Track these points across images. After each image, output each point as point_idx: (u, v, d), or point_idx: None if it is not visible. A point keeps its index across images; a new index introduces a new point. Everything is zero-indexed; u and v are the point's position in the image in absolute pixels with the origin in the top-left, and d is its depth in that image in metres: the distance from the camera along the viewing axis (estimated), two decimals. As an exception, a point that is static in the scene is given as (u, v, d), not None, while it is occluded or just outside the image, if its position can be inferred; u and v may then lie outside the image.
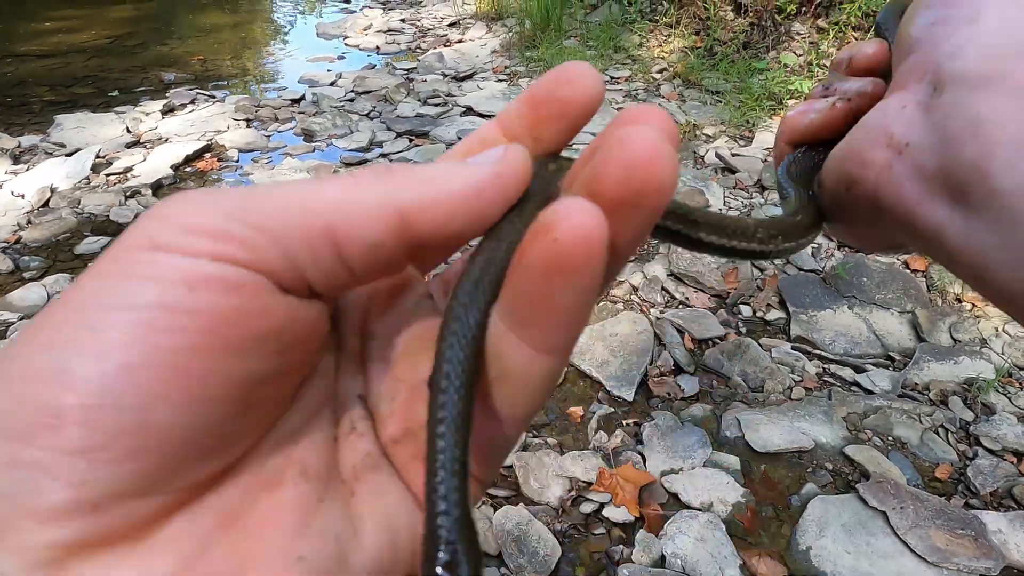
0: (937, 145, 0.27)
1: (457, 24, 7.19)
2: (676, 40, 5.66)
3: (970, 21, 0.29)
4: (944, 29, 0.29)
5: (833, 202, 0.35)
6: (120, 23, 7.61)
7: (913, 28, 0.31)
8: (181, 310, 0.19)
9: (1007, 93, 0.25)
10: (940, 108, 0.28)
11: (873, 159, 0.30)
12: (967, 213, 0.26)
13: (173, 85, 5.44)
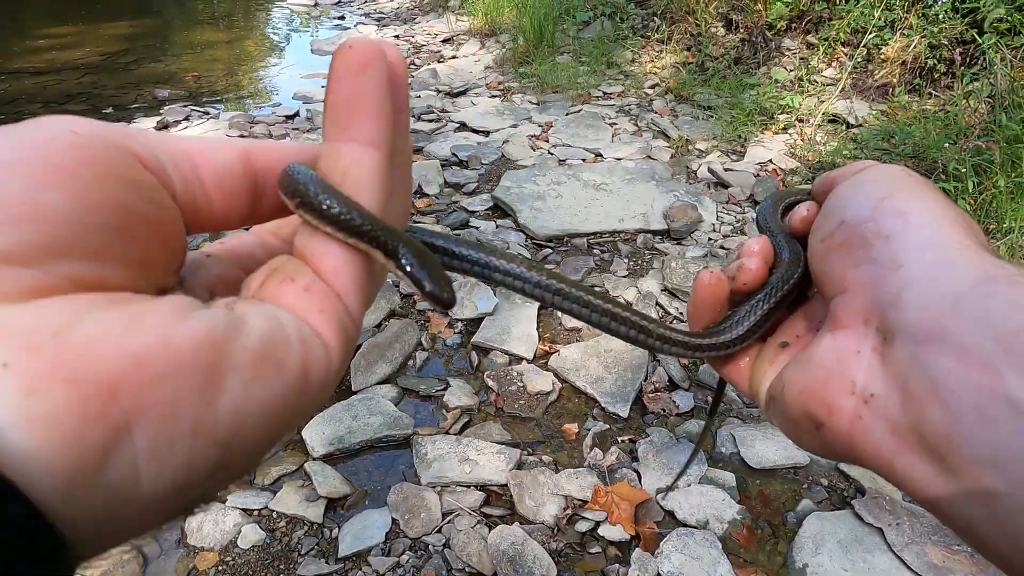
0: (903, 402, 0.29)
1: (451, 40, 7.24)
2: (668, 56, 5.71)
3: (895, 266, 0.31)
4: (874, 271, 0.32)
5: (796, 430, 0.36)
6: (115, 40, 7.63)
7: (840, 260, 0.34)
8: (82, 145, 0.24)
9: (955, 353, 0.27)
10: (896, 361, 0.30)
11: (840, 406, 0.32)
12: (947, 476, 0.27)
13: (167, 102, 5.45)
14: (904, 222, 0.33)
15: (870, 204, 0.35)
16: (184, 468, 0.22)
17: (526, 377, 2.42)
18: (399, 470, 2.10)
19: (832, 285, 0.35)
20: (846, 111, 4.39)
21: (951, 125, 3.68)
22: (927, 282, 0.30)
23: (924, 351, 0.28)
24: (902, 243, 0.32)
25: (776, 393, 0.39)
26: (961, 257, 0.30)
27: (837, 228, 0.36)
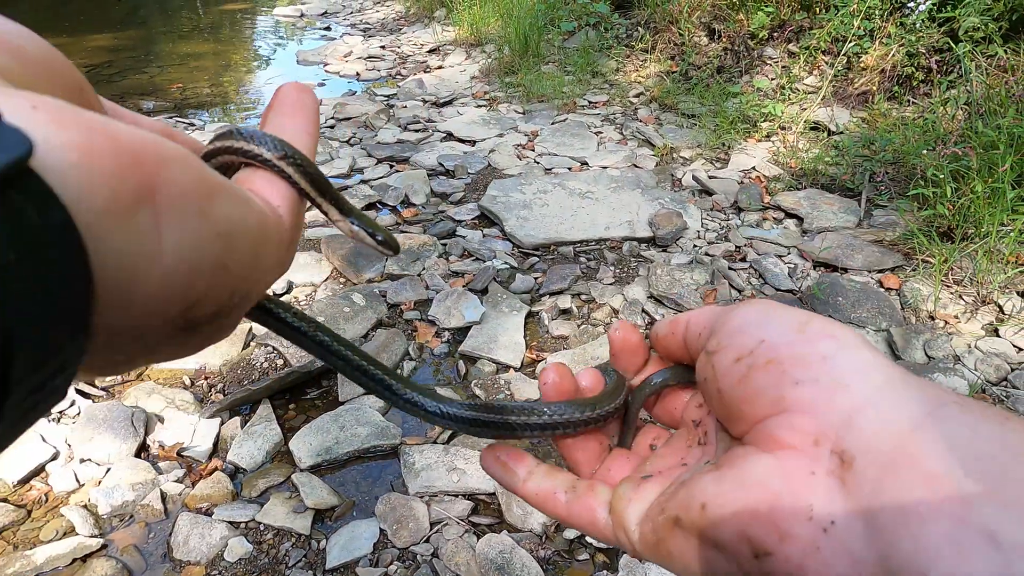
0: (868, 533, 0.27)
1: (437, 51, 7.27)
2: (652, 65, 5.77)
3: (841, 387, 0.30)
4: (818, 391, 0.30)
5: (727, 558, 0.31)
6: (99, 52, 7.60)
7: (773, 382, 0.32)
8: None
9: (923, 480, 0.26)
10: (858, 487, 0.28)
11: (795, 533, 0.29)
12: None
13: (152, 113, 5.43)
14: (837, 343, 0.32)
15: (793, 325, 0.34)
16: (195, 248, 0.25)
17: (514, 385, 2.42)
18: (387, 480, 2.10)
19: (762, 406, 0.32)
20: (827, 118, 4.45)
21: (929, 132, 3.74)
22: (881, 404, 0.29)
23: (889, 477, 0.27)
24: (842, 364, 0.31)
25: (689, 513, 0.33)
26: (906, 380, 0.30)
27: (758, 346, 0.34)
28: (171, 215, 0.23)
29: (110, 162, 0.21)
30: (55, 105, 0.21)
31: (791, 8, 5.18)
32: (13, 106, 0.19)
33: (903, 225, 3.29)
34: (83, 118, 0.21)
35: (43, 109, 0.20)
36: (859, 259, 3.11)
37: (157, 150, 0.23)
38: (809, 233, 3.41)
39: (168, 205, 0.23)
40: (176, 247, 0.24)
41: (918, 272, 3.00)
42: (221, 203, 0.27)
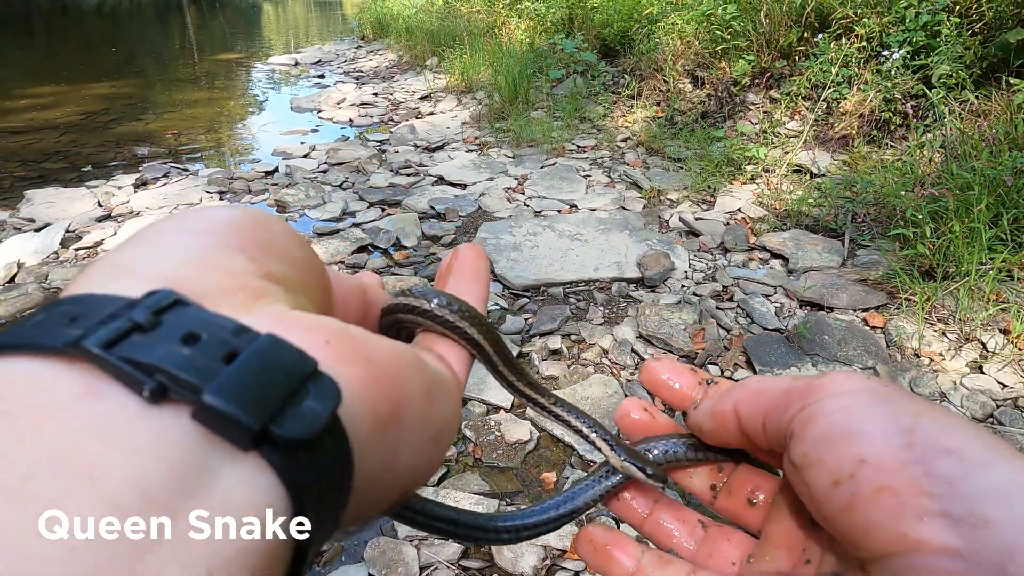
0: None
1: (429, 97, 7.44)
2: (639, 110, 5.92)
3: (982, 523, 0.26)
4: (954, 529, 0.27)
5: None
6: (95, 100, 7.72)
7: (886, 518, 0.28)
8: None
9: None
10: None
11: None
12: None
13: (147, 159, 5.50)
14: (960, 462, 0.27)
15: (896, 435, 0.29)
16: (418, 454, 0.29)
17: (504, 426, 2.42)
18: (376, 524, 2.08)
19: (883, 541, 0.28)
20: (809, 161, 4.56)
21: (908, 174, 3.85)
22: (1005, 507, 0.26)
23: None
24: (973, 489, 0.27)
25: None
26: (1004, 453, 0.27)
27: (858, 468, 0.29)
28: (407, 430, 0.27)
29: (375, 390, 0.25)
30: (338, 338, 0.25)
31: (771, 56, 5.37)
32: (312, 343, 0.23)
33: (886, 264, 3.35)
34: (359, 350, 0.26)
35: (332, 344, 0.24)
36: (844, 298, 3.16)
37: (399, 370, 0.27)
38: (794, 273, 3.47)
39: (406, 422, 0.27)
40: (407, 457, 0.28)
41: (902, 310, 3.05)
42: (438, 404, 0.30)
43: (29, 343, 0.20)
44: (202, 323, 0.21)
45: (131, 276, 0.23)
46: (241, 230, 0.27)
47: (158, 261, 0.24)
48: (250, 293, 0.24)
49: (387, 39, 11.22)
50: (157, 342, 0.20)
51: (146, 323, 0.21)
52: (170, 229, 0.27)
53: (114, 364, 0.20)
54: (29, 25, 17.12)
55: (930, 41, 4.41)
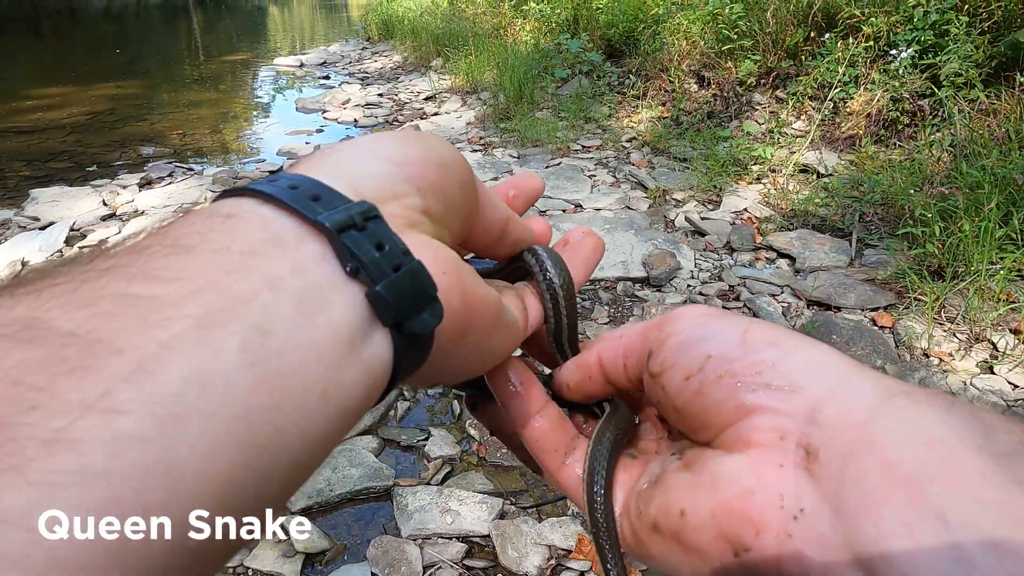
0: (834, 518, 0.28)
1: (433, 98, 7.44)
2: (644, 111, 5.90)
3: (796, 389, 0.32)
4: (775, 395, 0.32)
5: (702, 562, 0.33)
6: (102, 100, 7.74)
7: (730, 394, 0.34)
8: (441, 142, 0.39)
9: (880, 467, 0.28)
10: (824, 476, 0.29)
11: (769, 525, 0.30)
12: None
13: (151, 159, 5.51)
14: (781, 351, 0.34)
15: (735, 336, 0.35)
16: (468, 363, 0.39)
17: (508, 425, 2.40)
18: (379, 523, 2.06)
19: (724, 414, 0.34)
20: (816, 161, 4.53)
21: (916, 173, 3.81)
22: (837, 400, 0.31)
23: (850, 465, 0.29)
24: (791, 368, 0.33)
25: (668, 520, 0.34)
26: (858, 373, 0.32)
27: (705, 363, 0.35)
28: (467, 348, 0.37)
29: (461, 318, 0.34)
30: (451, 272, 0.33)
31: (777, 56, 5.34)
32: (436, 270, 0.32)
33: (894, 264, 3.32)
34: (461, 285, 0.34)
35: (447, 275, 0.33)
36: (852, 298, 3.13)
37: (482, 308, 0.36)
38: (802, 272, 3.44)
39: (469, 343, 0.36)
40: (461, 362, 0.38)
41: (911, 310, 3.02)
42: (496, 339, 0.39)
43: (292, 206, 0.29)
44: (387, 237, 0.31)
45: (345, 183, 0.32)
46: (422, 171, 0.35)
47: (363, 178, 0.33)
48: (408, 221, 0.33)
49: (392, 40, 11.24)
50: (362, 241, 0.30)
51: (359, 224, 0.30)
52: (372, 152, 0.35)
53: (340, 243, 0.29)
54: (37, 27, 17.21)
55: (939, 40, 4.38)
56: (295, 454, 0.26)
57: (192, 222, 0.28)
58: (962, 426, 0.28)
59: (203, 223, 0.28)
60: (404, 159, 0.35)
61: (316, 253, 0.29)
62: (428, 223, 0.35)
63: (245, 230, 0.28)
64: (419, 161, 0.35)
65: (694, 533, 0.33)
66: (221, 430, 0.23)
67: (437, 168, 0.36)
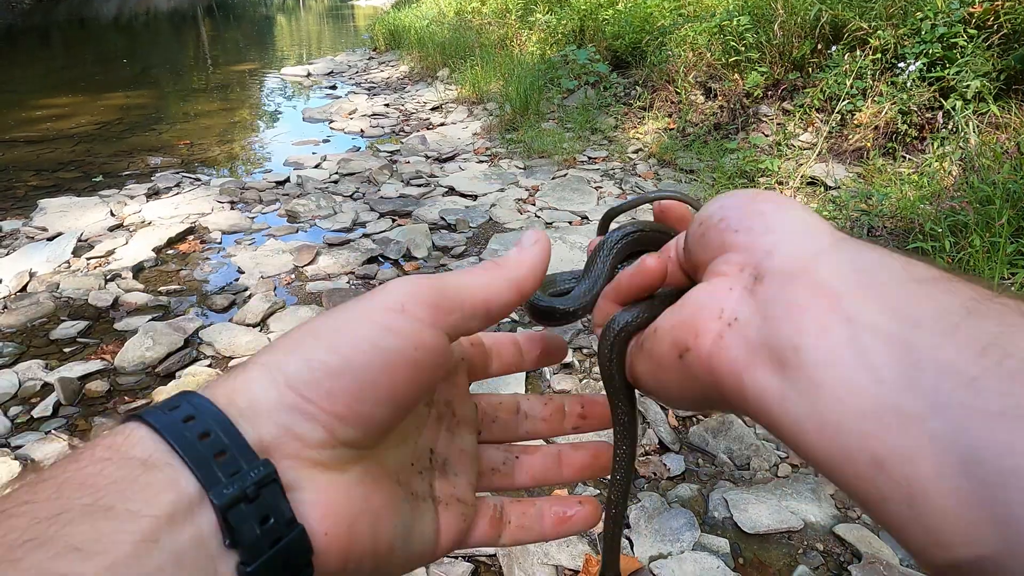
0: (761, 323, 0.34)
1: (440, 108, 7.46)
2: (650, 122, 5.89)
3: (768, 231, 0.38)
4: (750, 237, 0.38)
5: (659, 366, 0.40)
6: (110, 110, 7.79)
7: (713, 233, 0.40)
8: (400, 357, 0.36)
9: (811, 286, 0.33)
10: (762, 294, 0.35)
11: (706, 328, 0.36)
12: (784, 380, 0.32)
13: (159, 169, 5.53)
14: (775, 205, 0.39)
15: (747, 198, 0.41)
16: None
17: (515, 441, 2.38)
18: None
19: (711, 250, 0.40)
20: (824, 174, 4.51)
21: (926, 187, 3.79)
22: (795, 239, 0.36)
23: (787, 286, 0.34)
24: (773, 216, 0.38)
25: (646, 338, 0.42)
26: (820, 226, 0.37)
27: (716, 213, 0.41)
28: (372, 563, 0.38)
29: (342, 568, 0.36)
30: (332, 532, 0.35)
31: (784, 68, 5.33)
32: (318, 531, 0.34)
33: (904, 278, 3.28)
34: (345, 542, 0.35)
35: (328, 537, 0.34)
36: (861, 312, 3.10)
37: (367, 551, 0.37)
38: (810, 286, 3.41)
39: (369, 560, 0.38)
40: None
41: (921, 326, 2.98)
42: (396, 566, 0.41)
43: (188, 457, 0.31)
44: (274, 508, 0.32)
45: (249, 424, 0.34)
46: (328, 403, 0.35)
47: (266, 416, 0.34)
48: (312, 461, 0.34)
49: (399, 50, 11.29)
50: (248, 516, 0.31)
51: (250, 495, 0.31)
52: (275, 381, 0.35)
53: (226, 523, 0.31)
54: (47, 38, 17.37)
55: (947, 53, 4.36)
56: None
57: (109, 469, 0.30)
58: (890, 260, 0.33)
59: (119, 472, 0.30)
60: (309, 391, 0.35)
61: (212, 523, 0.31)
62: (335, 453, 0.35)
63: (157, 491, 0.30)
64: (327, 394, 0.35)
65: (657, 345, 0.40)
66: None
67: (349, 396, 0.35)
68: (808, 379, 0.30)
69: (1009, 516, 0.23)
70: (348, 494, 0.36)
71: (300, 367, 0.35)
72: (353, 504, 0.36)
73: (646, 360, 0.42)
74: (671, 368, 0.39)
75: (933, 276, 0.31)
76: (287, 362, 0.35)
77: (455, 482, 0.45)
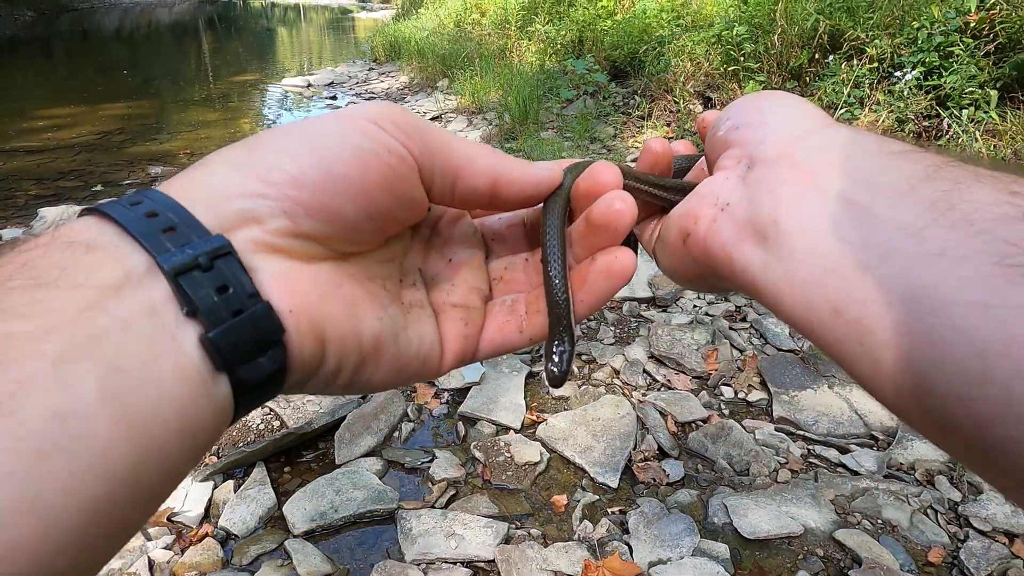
0: (747, 204, 0.38)
1: (439, 118, 7.49)
2: (649, 131, 5.92)
3: (762, 124, 0.41)
4: (747, 131, 0.42)
5: (670, 252, 0.45)
6: (111, 120, 7.82)
7: (722, 133, 0.44)
8: (372, 156, 0.35)
9: (791, 168, 0.37)
10: (751, 179, 0.39)
11: (704, 215, 0.41)
12: (765, 251, 0.35)
13: (160, 179, 5.55)
14: (771, 100, 0.43)
15: (748, 99, 0.45)
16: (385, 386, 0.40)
17: (513, 447, 2.38)
18: (383, 547, 2.03)
19: (719, 147, 0.44)
20: (822, 182, 4.53)
21: (923, 194, 3.80)
22: (783, 127, 0.40)
23: (771, 169, 0.38)
24: (769, 109, 0.42)
25: (662, 228, 0.46)
26: (809, 113, 0.41)
27: (723, 115, 0.45)
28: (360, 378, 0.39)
29: (321, 354, 0.35)
30: (298, 309, 0.33)
31: (781, 77, 5.36)
32: (283, 305, 0.33)
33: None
34: (316, 323, 0.34)
35: (295, 315, 0.33)
36: (860, 319, 3.10)
37: (352, 338, 0.37)
38: (809, 293, 3.41)
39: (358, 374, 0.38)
40: (362, 386, 0.40)
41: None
42: (394, 369, 0.40)
43: (134, 231, 0.30)
44: (232, 279, 0.31)
45: (205, 207, 0.32)
46: (294, 191, 0.34)
47: (223, 201, 0.33)
48: (270, 247, 0.33)
49: (399, 61, 11.35)
50: (204, 283, 0.30)
51: (204, 264, 0.30)
52: (241, 168, 0.34)
53: (178, 285, 0.29)
54: (50, 49, 17.47)
55: (943, 62, 4.39)
56: (154, 483, 0.27)
57: (53, 252, 0.29)
58: (866, 138, 0.36)
59: (63, 255, 0.29)
60: (272, 176, 0.34)
61: (165, 291, 0.29)
62: (300, 244, 0.34)
63: (101, 266, 0.29)
64: (292, 179, 0.34)
65: (667, 232, 0.44)
66: (84, 464, 0.24)
67: (315, 186, 0.34)
68: (784, 247, 0.34)
69: (935, 337, 0.27)
70: (314, 279, 0.35)
71: (266, 156, 0.34)
72: (321, 288, 0.35)
73: (661, 247, 0.46)
74: (678, 252, 0.43)
75: (904, 149, 0.34)
76: (252, 153, 0.35)
77: (451, 290, 0.45)
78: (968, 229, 0.28)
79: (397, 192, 0.37)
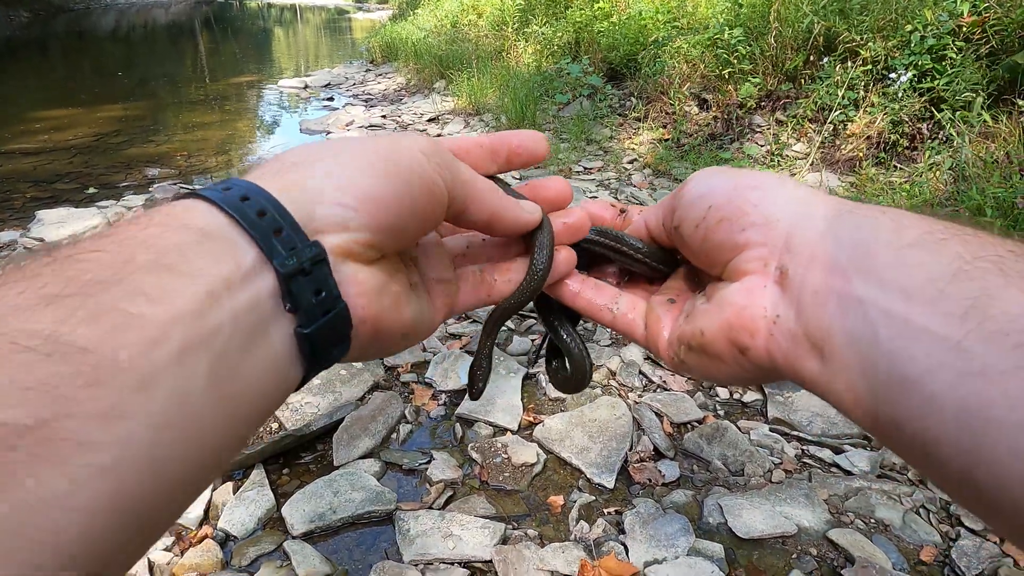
0: (797, 316, 0.39)
1: (437, 119, 7.50)
2: (645, 133, 5.94)
3: (774, 222, 0.42)
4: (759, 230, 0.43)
5: (723, 363, 0.45)
6: (108, 122, 7.82)
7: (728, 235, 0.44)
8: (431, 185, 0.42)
9: (824, 270, 0.38)
10: (791, 287, 0.40)
11: (758, 328, 0.42)
12: (823, 364, 0.37)
13: (156, 180, 5.55)
14: (761, 192, 0.44)
15: (728, 187, 0.46)
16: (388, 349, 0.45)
17: (511, 449, 2.39)
18: (381, 548, 2.05)
19: (725, 252, 0.45)
20: (817, 183, 4.56)
21: (917, 196, 3.83)
22: (801, 225, 0.41)
23: (806, 274, 0.39)
24: (769, 207, 0.43)
25: (694, 339, 0.47)
26: (815, 201, 0.42)
27: (708, 212, 0.46)
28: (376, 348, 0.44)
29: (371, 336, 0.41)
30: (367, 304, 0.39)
31: (777, 79, 5.39)
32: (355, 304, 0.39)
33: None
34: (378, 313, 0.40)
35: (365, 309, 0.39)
36: (854, 320, 3.13)
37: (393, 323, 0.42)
38: (803, 294, 3.44)
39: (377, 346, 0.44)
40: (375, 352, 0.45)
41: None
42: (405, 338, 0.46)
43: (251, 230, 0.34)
44: (324, 283, 0.36)
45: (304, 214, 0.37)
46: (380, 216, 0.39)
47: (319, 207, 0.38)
48: (349, 252, 0.38)
49: (396, 62, 11.36)
50: (305, 286, 0.35)
51: (307, 269, 0.35)
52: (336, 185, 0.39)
53: (287, 288, 0.34)
54: (46, 50, 17.43)
55: (936, 65, 4.42)
56: (232, 449, 0.33)
57: (169, 234, 0.32)
58: (884, 228, 0.37)
59: (180, 238, 0.32)
60: (363, 199, 0.39)
61: (269, 288, 0.34)
62: (370, 252, 0.40)
63: (218, 257, 0.33)
64: (374, 199, 0.39)
65: (712, 344, 0.45)
66: (194, 434, 0.30)
67: (394, 211, 0.40)
68: (839, 362, 0.36)
69: (995, 456, 0.28)
70: (373, 278, 0.40)
71: (352, 173, 0.39)
72: (378, 286, 0.40)
73: (698, 357, 0.47)
74: (732, 362, 0.44)
75: (919, 235, 0.36)
76: (339, 165, 0.40)
77: (432, 268, 0.51)
78: (1004, 342, 0.29)
79: (437, 214, 0.44)
